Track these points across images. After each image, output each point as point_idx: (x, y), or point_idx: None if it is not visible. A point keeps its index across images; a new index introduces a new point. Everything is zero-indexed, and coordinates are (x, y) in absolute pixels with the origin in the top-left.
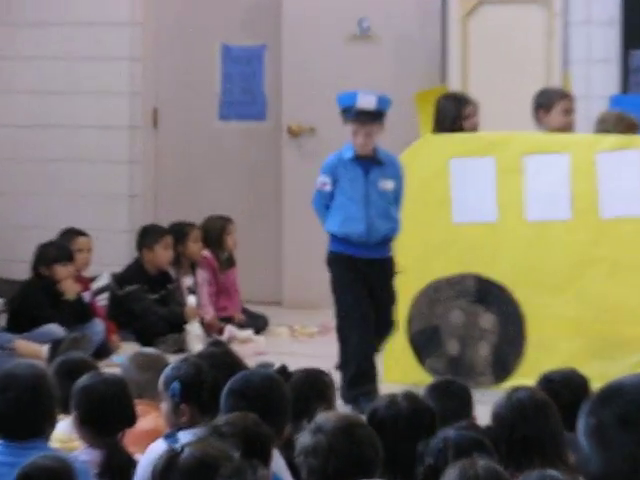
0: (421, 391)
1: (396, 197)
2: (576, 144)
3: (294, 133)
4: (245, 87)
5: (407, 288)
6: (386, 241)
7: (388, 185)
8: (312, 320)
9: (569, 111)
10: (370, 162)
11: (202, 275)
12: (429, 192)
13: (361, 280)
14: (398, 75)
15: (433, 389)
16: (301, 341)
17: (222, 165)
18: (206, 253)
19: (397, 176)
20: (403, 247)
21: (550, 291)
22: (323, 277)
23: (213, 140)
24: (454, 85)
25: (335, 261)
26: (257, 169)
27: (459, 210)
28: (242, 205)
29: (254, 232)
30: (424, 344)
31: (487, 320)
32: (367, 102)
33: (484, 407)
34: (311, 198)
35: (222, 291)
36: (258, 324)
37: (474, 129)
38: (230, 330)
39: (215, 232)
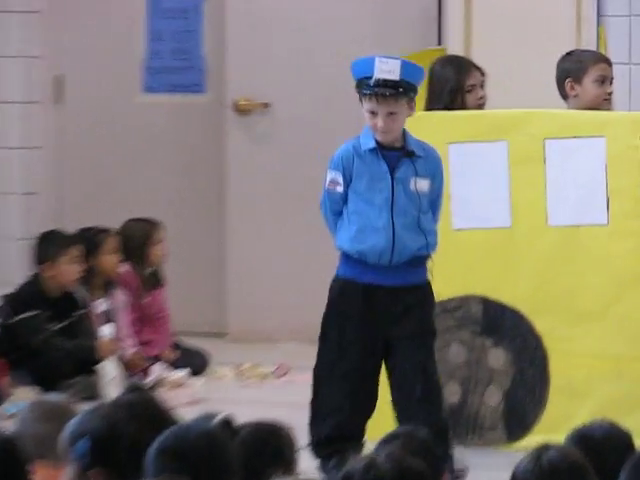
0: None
1: (432, 202)
2: (615, 125)
3: (242, 110)
4: (178, 49)
5: None
6: (417, 262)
7: (422, 186)
8: (265, 357)
9: (606, 80)
10: (398, 154)
11: (120, 297)
12: None
13: (371, 328)
14: (381, 35)
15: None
16: (251, 385)
17: (147, 152)
18: (126, 268)
19: (435, 174)
20: None
21: (581, 319)
22: (279, 301)
23: (135, 119)
24: (454, 47)
25: (339, 291)
26: (193, 157)
27: (461, 212)
28: (173, 205)
29: (189, 240)
30: None
31: (497, 357)
32: (388, 69)
33: (495, 473)
34: (265, 194)
35: (147, 319)
36: (195, 363)
37: (480, 105)
38: (158, 370)
39: (137, 240)
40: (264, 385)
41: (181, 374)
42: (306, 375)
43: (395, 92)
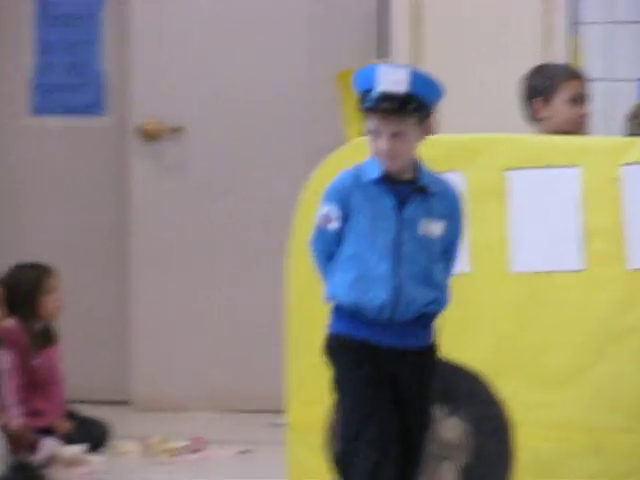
0: None
1: (447, 249)
2: (592, 152)
3: (149, 135)
4: (72, 63)
5: (326, 378)
6: (425, 321)
7: (435, 229)
8: (176, 429)
9: (581, 99)
10: (408, 188)
11: (5, 358)
12: None
13: (384, 379)
14: (314, 47)
15: None
16: (161, 462)
17: (36, 184)
18: (11, 323)
19: (451, 215)
20: (314, 313)
21: (551, 383)
22: (191, 364)
23: (22, 145)
24: (399, 59)
25: (339, 350)
26: (91, 190)
27: None
28: (68, 248)
29: (86, 290)
30: None
31: (453, 429)
32: (393, 80)
33: None
34: (176, 233)
35: (36, 383)
36: (94, 435)
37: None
38: (49, 445)
39: (25, 290)
40: (176, 462)
41: (77, 449)
42: (224, 450)
43: (402, 108)
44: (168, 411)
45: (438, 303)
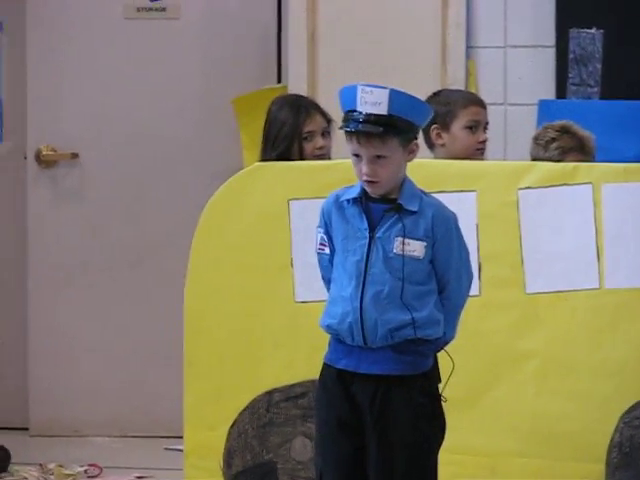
0: None
1: (442, 276)
2: (488, 177)
3: (46, 161)
4: None
5: (224, 404)
6: (406, 347)
7: (413, 249)
8: (76, 455)
9: (479, 126)
10: (385, 207)
11: None
12: (259, 252)
13: (346, 419)
14: (210, 70)
15: None
16: None
17: None
18: None
19: (436, 237)
20: (212, 337)
21: (449, 408)
22: (88, 389)
23: None
24: (296, 86)
25: (320, 379)
26: None
27: (304, 282)
28: None
29: None
30: None
31: (303, 448)
32: (372, 101)
33: None
34: (74, 260)
35: None
36: None
37: (320, 157)
38: None
39: None
40: None
41: None
42: (122, 475)
43: (381, 130)
44: (65, 437)
45: (414, 328)
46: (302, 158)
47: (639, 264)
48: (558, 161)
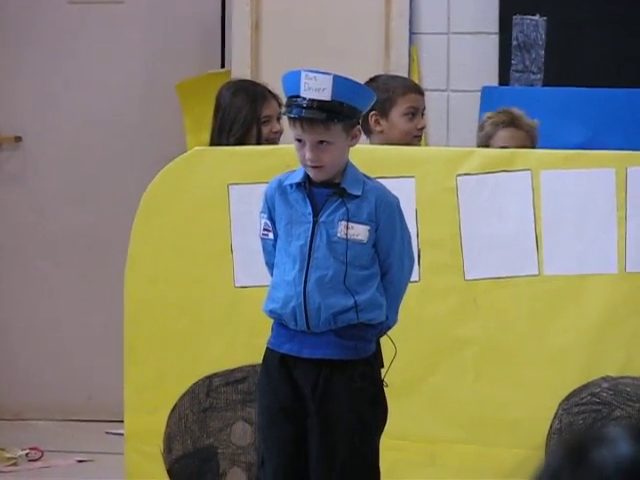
0: None
1: (384, 259)
2: (427, 162)
3: None
4: None
5: (164, 388)
6: (347, 332)
7: (356, 232)
8: (17, 439)
9: (417, 113)
10: (328, 191)
11: None
12: (199, 238)
13: (288, 404)
14: (154, 55)
15: None
16: (0, 471)
17: None
18: None
19: (379, 220)
20: (152, 322)
21: (388, 394)
22: (28, 374)
23: None
24: (240, 71)
25: (263, 366)
26: None
27: (244, 267)
28: None
29: None
30: (192, 477)
31: (242, 433)
32: (316, 87)
33: None
34: (17, 246)
35: None
36: None
37: (274, 140)
38: None
39: None
40: (15, 471)
41: None
42: (64, 459)
43: (325, 116)
44: (5, 421)
45: (356, 312)
46: (259, 143)
47: (577, 251)
48: (488, 139)
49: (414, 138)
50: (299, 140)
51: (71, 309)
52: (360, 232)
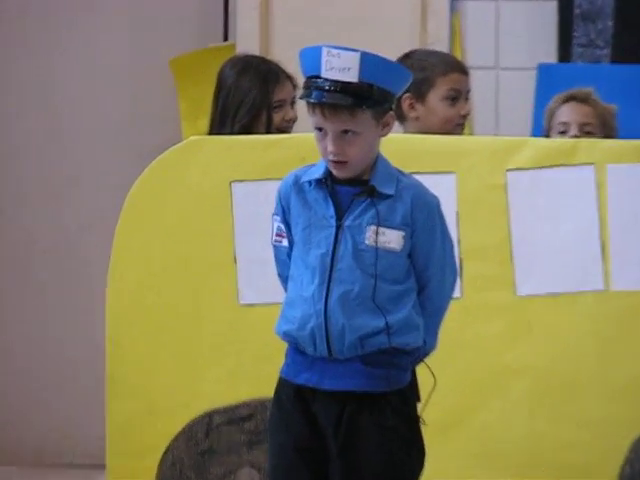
0: None
1: (420, 265)
2: (471, 156)
3: None
4: None
5: (154, 427)
6: (377, 359)
7: (389, 239)
8: None
9: (460, 96)
10: (355, 190)
11: None
12: (196, 245)
13: (306, 444)
14: (142, 25)
15: None
16: None
17: None
18: None
19: (416, 224)
20: (139, 346)
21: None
22: None
23: None
24: (247, 44)
25: (275, 399)
26: None
27: (250, 281)
28: None
29: None
30: None
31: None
32: (340, 66)
33: None
34: None
35: None
36: None
37: (287, 129)
38: None
39: None
40: None
41: None
42: None
43: (351, 101)
44: None
45: (388, 335)
46: (269, 132)
47: None
48: (550, 120)
49: (456, 126)
50: (320, 129)
51: (42, 329)
52: (393, 239)
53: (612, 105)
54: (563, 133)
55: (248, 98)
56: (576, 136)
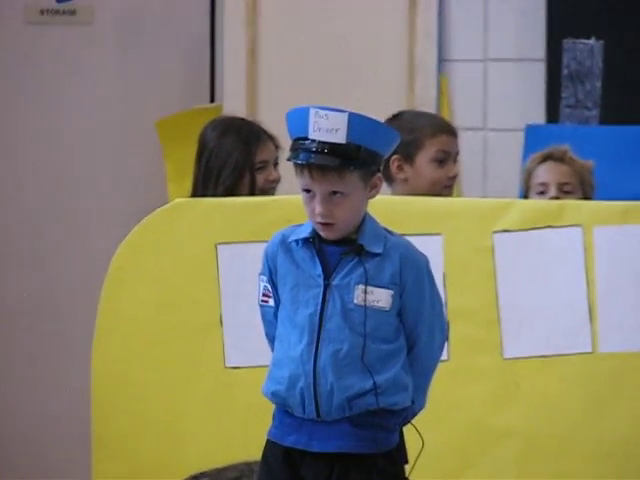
0: None
1: (410, 323)
2: (459, 217)
3: None
4: None
5: None
6: (365, 420)
7: (377, 298)
8: None
9: (449, 158)
10: (343, 249)
11: None
12: (181, 307)
13: None
14: (129, 86)
15: None
16: None
17: None
18: None
19: (404, 280)
20: (125, 409)
21: None
22: None
23: None
24: (233, 106)
25: (262, 458)
26: None
27: (236, 343)
28: None
29: None
30: None
31: None
32: (327, 127)
33: None
34: None
35: None
36: None
37: (270, 190)
38: None
39: None
40: None
41: None
42: None
43: (339, 162)
44: None
45: (376, 395)
46: (252, 193)
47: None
48: (528, 180)
49: (444, 188)
50: (307, 191)
51: (22, 393)
52: (382, 298)
53: (589, 161)
54: (542, 194)
55: (231, 159)
56: (556, 197)
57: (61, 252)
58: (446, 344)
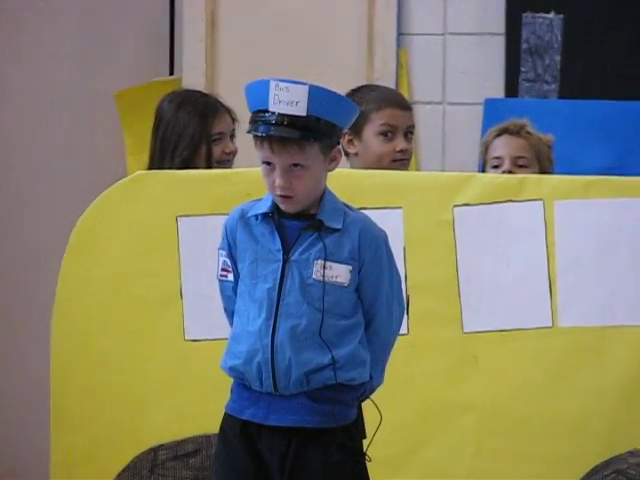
0: None
1: (368, 299)
2: (418, 191)
3: None
4: None
5: (99, 462)
6: (323, 394)
7: (336, 273)
8: None
9: (396, 132)
10: (302, 224)
11: None
12: (141, 280)
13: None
14: (86, 58)
15: None
16: None
17: None
18: None
19: (362, 256)
20: (84, 381)
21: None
22: None
23: None
24: (193, 79)
25: (220, 437)
26: None
27: (196, 316)
28: None
29: None
30: None
31: None
32: (288, 100)
33: None
34: None
35: None
36: None
37: (227, 162)
38: None
39: None
40: None
41: None
42: None
43: (299, 134)
44: None
45: (334, 370)
46: (209, 165)
47: (599, 298)
48: (485, 153)
49: (393, 162)
50: (267, 163)
51: None
52: (340, 273)
53: (548, 135)
54: (496, 167)
55: (187, 131)
56: (509, 171)
57: (21, 227)
58: (406, 318)
